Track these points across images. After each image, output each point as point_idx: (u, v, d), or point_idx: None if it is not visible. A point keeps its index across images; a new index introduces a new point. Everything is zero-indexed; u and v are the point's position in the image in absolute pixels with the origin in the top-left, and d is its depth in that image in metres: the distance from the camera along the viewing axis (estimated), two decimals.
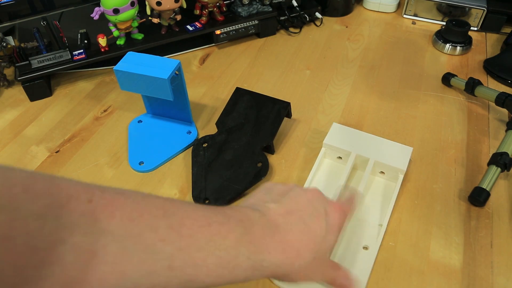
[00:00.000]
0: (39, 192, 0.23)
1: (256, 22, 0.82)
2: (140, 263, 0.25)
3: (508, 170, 0.54)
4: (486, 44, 0.83)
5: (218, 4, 0.78)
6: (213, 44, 0.83)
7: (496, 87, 0.71)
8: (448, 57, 0.80)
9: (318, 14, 0.89)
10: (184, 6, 0.75)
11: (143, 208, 0.27)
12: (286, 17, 0.86)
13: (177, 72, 0.56)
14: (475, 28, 0.87)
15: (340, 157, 0.57)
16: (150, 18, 0.74)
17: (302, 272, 0.34)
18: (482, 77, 0.74)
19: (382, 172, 0.55)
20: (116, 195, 0.27)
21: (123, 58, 0.56)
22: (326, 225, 0.35)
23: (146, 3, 0.71)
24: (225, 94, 0.71)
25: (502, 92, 0.63)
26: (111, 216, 0.25)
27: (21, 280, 0.20)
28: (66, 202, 0.23)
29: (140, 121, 0.65)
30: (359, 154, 0.54)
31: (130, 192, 0.28)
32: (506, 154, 0.54)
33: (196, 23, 0.78)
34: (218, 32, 0.79)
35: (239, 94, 0.63)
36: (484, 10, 0.84)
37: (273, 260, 0.32)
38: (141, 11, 0.72)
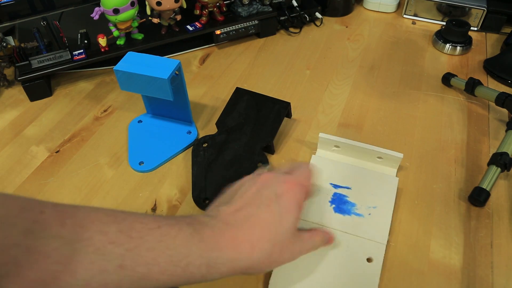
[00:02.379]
0: None
1: (256, 22, 0.82)
2: (90, 264, 0.27)
3: (508, 170, 0.54)
4: (486, 44, 0.83)
5: (218, 4, 0.78)
6: (213, 44, 0.83)
7: (496, 87, 0.71)
8: (448, 57, 0.80)
9: (318, 14, 0.89)
10: (184, 6, 0.75)
11: (93, 216, 0.29)
12: (286, 17, 0.86)
13: (177, 72, 0.56)
14: (475, 28, 0.87)
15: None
16: (150, 18, 0.74)
17: (266, 262, 0.35)
18: (482, 77, 0.74)
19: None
20: (67, 207, 0.29)
21: (123, 58, 0.56)
22: (279, 208, 0.36)
23: (146, 3, 0.71)
24: (225, 94, 0.71)
25: (502, 92, 0.63)
26: (62, 224, 0.27)
27: None
28: (20, 212, 0.26)
29: (140, 121, 0.65)
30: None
31: (81, 206, 0.30)
32: (506, 154, 0.54)
33: (196, 23, 0.78)
34: (218, 32, 0.79)
35: (239, 94, 0.63)
36: (484, 10, 0.84)
37: (227, 256, 0.33)
38: (141, 11, 0.72)
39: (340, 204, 0.51)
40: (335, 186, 0.53)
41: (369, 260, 0.46)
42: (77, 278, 0.26)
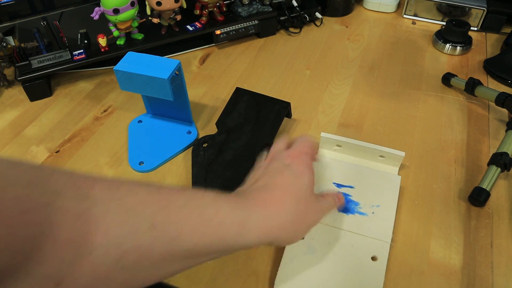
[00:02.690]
0: (25, 168, 0.25)
1: (256, 22, 0.82)
2: (122, 223, 0.27)
3: (508, 170, 0.54)
4: (486, 44, 0.83)
5: (218, 4, 0.78)
6: (213, 44, 0.83)
7: (496, 87, 0.71)
8: (448, 57, 0.80)
9: (318, 14, 0.89)
10: (184, 6, 0.75)
11: (121, 182, 0.29)
12: (286, 17, 0.86)
13: (177, 72, 0.56)
14: (475, 28, 0.87)
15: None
16: (150, 18, 0.74)
17: (295, 221, 0.35)
18: (482, 77, 0.74)
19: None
20: (95, 176, 0.29)
21: (123, 58, 0.56)
22: (291, 172, 0.38)
23: (146, 3, 0.71)
24: (225, 94, 0.71)
25: (502, 92, 0.63)
26: (91, 186, 0.27)
27: (13, 239, 0.22)
28: (50, 174, 0.25)
29: (140, 121, 0.65)
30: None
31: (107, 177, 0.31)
32: (506, 154, 0.54)
33: (196, 23, 0.78)
34: (218, 32, 0.79)
35: (239, 94, 0.63)
36: (484, 10, 0.84)
37: (257, 215, 0.33)
38: (141, 11, 0.72)
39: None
40: (338, 186, 0.53)
41: (373, 258, 0.46)
42: (109, 239, 0.26)
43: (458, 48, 0.80)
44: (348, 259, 0.46)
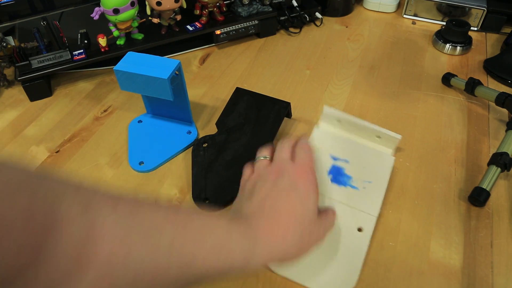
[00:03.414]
0: (51, 180, 0.27)
1: (256, 22, 0.82)
2: (143, 240, 0.27)
3: (508, 170, 0.54)
4: (486, 44, 0.83)
5: (218, 4, 0.78)
6: (213, 44, 0.83)
7: (496, 87, 0.71)
8: (448, 57, 0.80)
9: (318, 14, 0.89)
10: (184, 6, 0.75)
11: (139, 202, 0.30)
12: (286, 17, 0.86)
13: (177, 72, 0.56)
14: (475, 28, 0.87)
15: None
16: (150, 18, 0.74)
17: (298, 246, 0.37)
18: (482, 77, 0.74)
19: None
20: (116, 195, 0.29)
21: (123, 58, 0.56)
22: (298, 195, 0.38)
23: (146, 3, 0.71)
24: (225, 94, 0.71)
25: (502, 92, 0.63)
26: (116, 204, 0.27)
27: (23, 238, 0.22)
28: (76, 191, 0.27)
29: (140, 121, 0.65)
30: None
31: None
32: (506, 154, 0.54)
33: (196, 23, 0.78)
34: (218, 32, 0.79)
35: (239, 94, 0.63)
36: (484, 10, 0.84)
37: (264, 244, 0.34)
38: (141, 11, 0.72)
39: (337, 175, 0.52)
40: (334, 158, 0.54)
41: (359, 230, 0.48)
42: (130, 258, 0.26)
43: (458, 48, 0.80)
44: (336, 228, 0.47)
